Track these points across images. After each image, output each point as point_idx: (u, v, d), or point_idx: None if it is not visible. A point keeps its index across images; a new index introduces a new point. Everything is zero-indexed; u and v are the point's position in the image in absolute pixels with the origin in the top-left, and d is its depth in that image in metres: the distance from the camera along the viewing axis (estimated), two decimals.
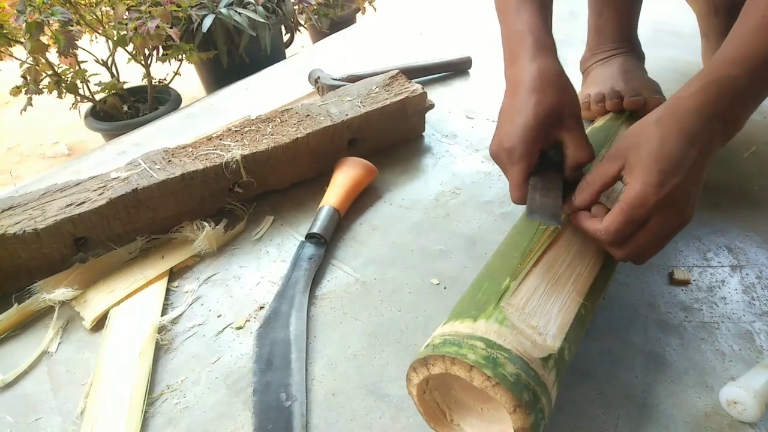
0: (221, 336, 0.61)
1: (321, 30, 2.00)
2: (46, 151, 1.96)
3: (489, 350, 0.42)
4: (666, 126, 0.50)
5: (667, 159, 0.49)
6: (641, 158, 0.50)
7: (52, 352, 0.60)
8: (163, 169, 0.70)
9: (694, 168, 0.49)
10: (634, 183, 0.49)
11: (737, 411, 0.51)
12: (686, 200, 0.49)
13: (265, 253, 0.72)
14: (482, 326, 0.44)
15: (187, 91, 1.90)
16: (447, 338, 0.44)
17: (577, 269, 0.51)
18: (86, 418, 0.52)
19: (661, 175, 0.48)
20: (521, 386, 0.41)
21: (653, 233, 0.50)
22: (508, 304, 0.46)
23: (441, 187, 0.82)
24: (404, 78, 0.90)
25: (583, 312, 0.49)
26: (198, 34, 1.57)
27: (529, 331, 0.45)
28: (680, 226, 0.51)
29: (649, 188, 0.48)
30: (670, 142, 0.49)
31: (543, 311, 0.47)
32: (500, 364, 0.41)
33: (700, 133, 0.50)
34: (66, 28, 1.25)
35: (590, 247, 0.54)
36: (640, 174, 0.49)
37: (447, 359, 0.42)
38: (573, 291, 0.50)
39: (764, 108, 0.98)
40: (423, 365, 0.44)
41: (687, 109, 0.51)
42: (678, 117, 0.51)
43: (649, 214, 0.49)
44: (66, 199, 0.67)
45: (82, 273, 0.66)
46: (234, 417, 0.53)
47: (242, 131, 0.78)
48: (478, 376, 0.41)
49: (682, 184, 0.48)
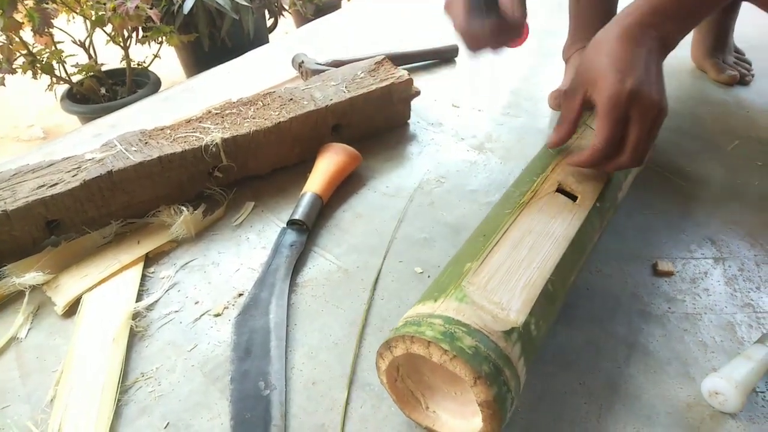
0: (198, 323, 0.60)
1: (306, 15, 1.97)
2: (21, 134, 1.91)
3: (447, 326, 0.42)
4: (610, 42, 0.56)
5: (620, 61, 0.54)
6: (599, 72, 0.55)
7: (22, 338, 0.58)
8: (139, 151, 0.68)
9: (647, 65, 0.55)
10: (601, 92, 0.54)
11: (719, 402, 0.51)
12: (653, 90, 0.54)
13: (245, 240, 0.70)
14: (442, 305, 0.45)
15: (167, 75, 1.86)
16: (408, 320, 0.45)
17: (543, 248, 0.51)
18: (56, 406, 0.50)
19: (620, 74, 0.53)
20: (480, 358, 0.40)
21: (639, 127, 0.54)
22: (468, 283, 0.47)
23: (426, 176, 0.81)
24: (390, 64, 0.89)
25: (551, 288, 0.48)
26: (179, 15, 1.54)
27: (490, 307, 0.45)
28: (660, 115, 0.55)
29: (613, 87, 0.53)
30: (617, 49, 0.55)
31: (506, 288, 0.47)
32: (457, 338, 0.41)
33: (640, 38, 0.56)
34: (41, 6, 1.21)
35: (556, 227, 0.54)
36: (603, 83, 0.54)
37: (407, 338, 0.42)
38: (539, 269, 0.49)
39: (746, 103, 0.98)
40: (386, 349, 0.44)
41: (627, 25, 0.57)
42: (619, 31, 0.56)
43: (626, 110, 0.53)
44: (38, 180, 0.64)
45: (54, 257, 0.64)
46: (210, 406, 0.52)
47: (223, 114, 0.76)
48: (435, 351, 0.41)
49: (641, 76, 0.53)
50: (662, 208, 0.75)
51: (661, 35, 0.58)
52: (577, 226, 0.54)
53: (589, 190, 0.58)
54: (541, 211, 0.55)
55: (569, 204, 0.56)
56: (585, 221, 0.55)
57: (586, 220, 0.55)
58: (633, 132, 0.55)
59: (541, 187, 0.58)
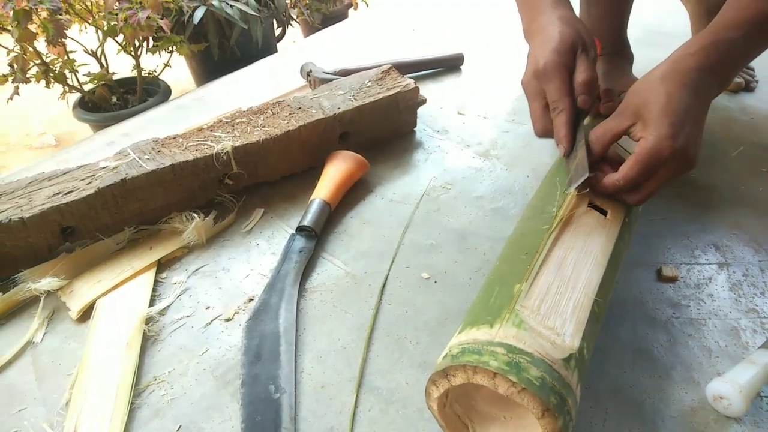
0: (209, 328, 0.61)
1: (313, 24, 1.99)
2: (33, 142, 1.94)
3: (511, 355, 0.41)
4: (670, 82, 0.56)
5: (675, 113, 0.54)
6: (651, 114, 0.55)
7: (37, 342, 0.59)
8: (152, 159, 0.70)
9: (698, 118, 0.56)
10: (648, 137, 0.54)
11: (723, 406, 0.51)
12: (694, 149, 0.55)
13: (255, 246, 0.71)
14: (500, 331, 0.43)
15: (177, 84, 1.89)
16: (466, 347, 0.43)
17: (585, 267, 0.51)
18: (71, 409, 0.52)
19: (672, 128, 0.53)
20: (547, 389, 0.39)
21: (663, 180, 0.55)
22: (522, 307, 0.45)
23: (432, 182, 0.82)
24: (397, 72, 0.90)
25: (597, 309, 0.48)
26: (189, 25, 1.56)
27: (546, 333, 0.43)
28: (687, 171, 0.56)
29: (663, 141, 0.53)
30: (676, 97, 0.55)
31: (558, 311, 0.46)
32: (524, 369, 0.40)
33: (700, 87, 0.56)
34: (55, 17, 1.23)
35: (594, 244, 0.54)
36: (653, 128, 0.54)
37: (468, 368, 0.41)
38: (584, 289, 0.48)
39: (750, 109, 0.99)
40: (443, 377, 0.42)
41: (689, 67, 0.57)
42: (681, 74, 0.56)
43: (662, 164, 0.54)
44: (53, 188, 0.66)
45: (69, 263, 0.66)
46: (221, 409, 0.53)
47: (233, 123, 0.78)
48: (502, 382, 0.39)
49: (690, 134, 0.54)
50: (667, 213, 0.75)
51: (721, 82, 0.59)
52: (612, 242, 0.54)
53: (618, 205, 0.58)
54: (577, 226, 0.55)
55: (601, 219, 0.56)
56: (618, 237, 0.55)
57: (618, 236, 0.55)
58: (657, 181, 0.55)
59: (572, 201, 0.57)
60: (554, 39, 0.62)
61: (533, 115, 0.64)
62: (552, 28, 0.63)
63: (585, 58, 0.62)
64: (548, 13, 0.66)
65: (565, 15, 0.65)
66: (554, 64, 0.60)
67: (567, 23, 0.63)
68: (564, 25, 0.63)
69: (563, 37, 0.61)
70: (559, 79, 0.60)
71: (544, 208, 0.58)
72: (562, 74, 0.61)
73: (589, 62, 0.62)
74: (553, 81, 0.61)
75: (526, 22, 0.69)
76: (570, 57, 0.61)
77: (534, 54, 0.64)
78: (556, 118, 0.61)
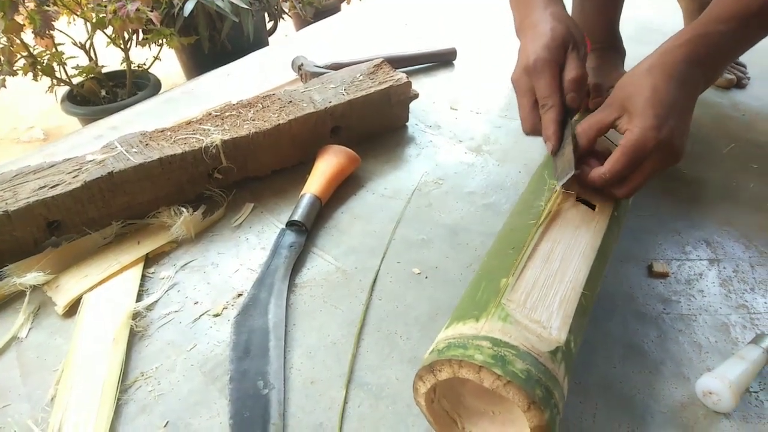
0: (198, 323, 0.60)
1: (305, 18, 1.98)
2: (21, 136, 1.91)
3: (496, 348, 0.41)
4: (657, 74, 0.56)
5: (661, 104, 0.54)
6: (637, 106, 0.54)
7: (22, 337, 0.58)
8: (140, 152, 0.69)
9: (684, 111, 0.55)
10: (633, 129, 0.54)
11: (712, 401, 0.51)
12: (680, 140, 0.54)
13: (245, 240, 0.71)
14: (486, 325, 0.43)
15: (167, 77, 1.87)
16: (452, 341, 0.43)
17: (572, 260, 0.51)
18: (56, 405, 0.51)
19: (657, 120, 0.53)
20: (533, 382, 0.39)
21: (649, 172, 0.55)
22: (508, 301, 0.45)
23: (424, 177, 0.82)
24: (389, 66, 0.90)
25: (584, 302, 0.48)
26: (179, 18, 1.55)
27: (533, 326, 0.43)
28: (674, 164, 0.56)
29: (647, 132, 0.53)
30: (662, 89, 0.54)
31: (544, 305, 0.46)
32: (509, 362, 0.40)
33: (687, 79, 0.56)
34: (42, 8, 1.21)
35: (582, 238, 0.54)
36: (638, 120, 0.54)
37: (454, 363, 0.41)
38: (571, 282, 0.48)
39: (742, 106, 0.99)
40: (429, 372, 0.42)
41: (675, 59, 0.56)
42: (668, 66, 0.56)
43: (648, 156, 0.53)
44: (39, 181, 0.65)
45: (55, 257, 0.65)
46: (209, 404, 0.52)
47: (223, 116, 0.77)
48: (487, 376, 0.39)
49: (676, 126, 0.53)
50: (658, 209, 0.75)
51: (709, 75, 0.59)
52: (600, 236, 0.54)
53: (606, 198, 0.58)
54: (565, 221, 0.54)
55: (590, 213, 0.56)
56: (606, 231, 0.55)
57: (607, 230, 0.55)
58: (643, 173, 0.55)
59: (560, 196, 0.57)
60: (545, 35, 0.61)
61: (522, 112, 0.64)
62: (543, 25, 0.63)
63: (575, 55, 0.61)
64: (540, 10, 0.65)
65: (557, 12, 0.65)
66: (545, 60, 0.60)
67: (558, 20, 0.63)
68: (555, 21, 0.63)
69: (554, 33, 0.61)
70: (549, 75, 0.60)
71: (533, 203, 0.58)
72: (552, 70, 0.60)
73: (579, 60, 0.62)
74: (543, 77, 0.60)
75: (518, 18, 0.69)
76: (561, 53, 0.61)
77: (525, 50, 0.63)
78: (545, 115, 0.60)
